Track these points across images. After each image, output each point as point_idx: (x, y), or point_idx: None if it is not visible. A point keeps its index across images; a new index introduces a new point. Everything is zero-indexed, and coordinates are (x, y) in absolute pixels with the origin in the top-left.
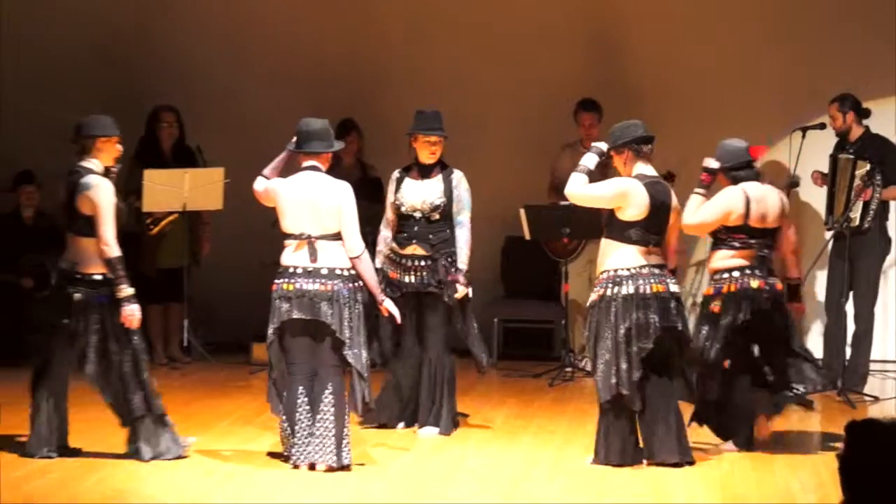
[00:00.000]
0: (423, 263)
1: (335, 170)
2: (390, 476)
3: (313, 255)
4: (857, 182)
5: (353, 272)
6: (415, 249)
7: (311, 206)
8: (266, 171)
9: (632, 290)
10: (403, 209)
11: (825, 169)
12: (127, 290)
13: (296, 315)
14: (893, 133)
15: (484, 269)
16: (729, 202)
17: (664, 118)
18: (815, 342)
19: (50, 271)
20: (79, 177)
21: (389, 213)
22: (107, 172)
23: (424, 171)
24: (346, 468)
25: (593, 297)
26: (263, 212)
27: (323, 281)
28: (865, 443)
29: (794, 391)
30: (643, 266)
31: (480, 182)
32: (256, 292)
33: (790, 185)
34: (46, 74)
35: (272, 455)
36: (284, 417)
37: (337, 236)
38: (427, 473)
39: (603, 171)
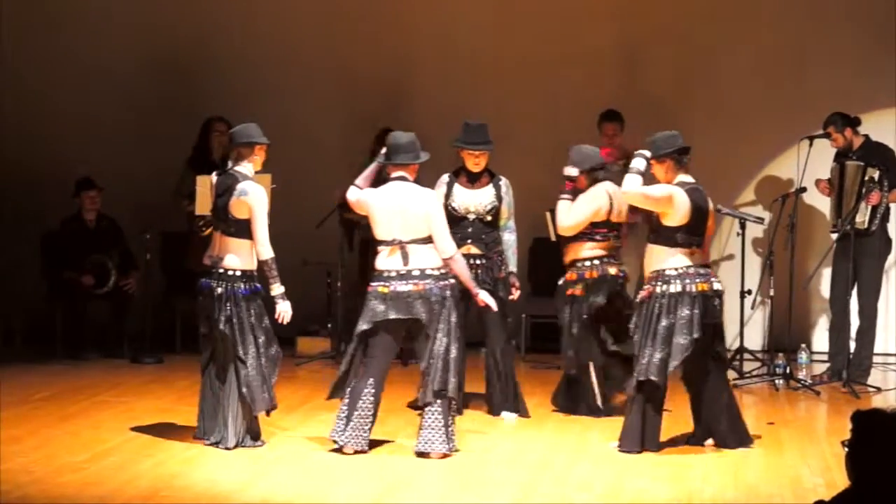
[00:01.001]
0: (478, 262)
1: (377, 177)
2: (420, 458)
3: (405, 259)
4: (867, 186)
5: (442, 272)
6: (469, 249)
7: (402, 214)
8: (358, 181)
9: (679, 289)
10: (458, 212)
11: (826, 175)
12: (278, 289)
13: (392, 316)
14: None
15: None
16: (597, 201)
17: (683, 128)
18: (821, 336)
19: (110, 270)
20: (234, 181)
21: None
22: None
23: (473, 177)
24: (450, 454)
25: (642, 294)
26: (307, 214)
27: (415, 281)
28: (870, 431)
29: (802, 382)
30: (689, 266)
31: (523, 189)
32: (300, 289)
33: (798, 191)
34: (106, 85)
35: (315, 441)
36: (346, 402)
37: (426, 240)
38: (459, 456)
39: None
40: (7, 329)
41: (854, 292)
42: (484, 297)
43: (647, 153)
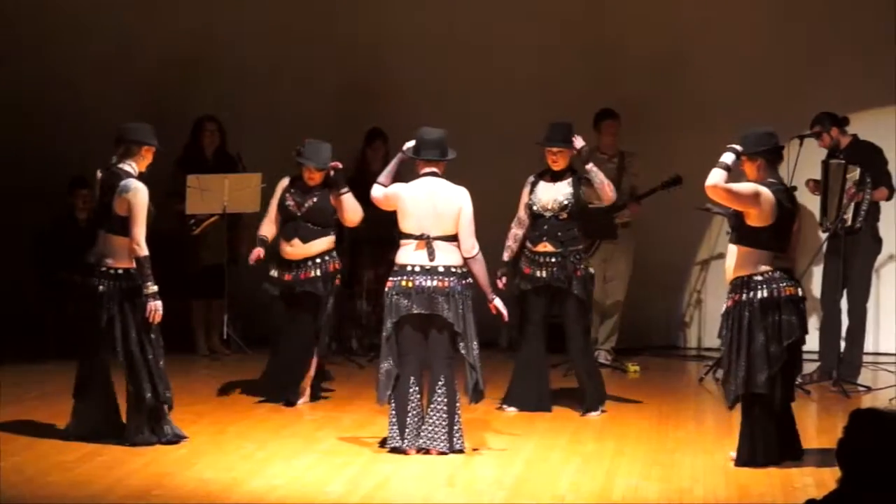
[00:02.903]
0: (553, 259)
1: (364, 175)
2: (419, 455)
3: (431, 255)
4: (848, 185)
5: (464, 270)
6: (545, 247)
7: (433, 209)
8: (382, 178)
9: (766, 294)
10: (535, 209)
11: (818, 175)
12: (152, 288)
13: (415, 310)
14: (893, 141)
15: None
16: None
17: (674, 126)
18: (811, 336)
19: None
20: (118, 179)
21: (522, 213)
22: (140, 176)
23: (556, 176)
24: (458, 452)
25: (728, 303)
26: None
27: (440, 278)
28: (867, 430)
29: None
30: (775, 270)
31: (502, 187)
32: None
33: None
34: (103, 84)
35: (305, 440)
36: (394, 406)
37: (452, 238)
38: (451, 454)
39: (619, 175)
40: None
41: (843, 291)
42: (498, 304)
43: (739, 147)
